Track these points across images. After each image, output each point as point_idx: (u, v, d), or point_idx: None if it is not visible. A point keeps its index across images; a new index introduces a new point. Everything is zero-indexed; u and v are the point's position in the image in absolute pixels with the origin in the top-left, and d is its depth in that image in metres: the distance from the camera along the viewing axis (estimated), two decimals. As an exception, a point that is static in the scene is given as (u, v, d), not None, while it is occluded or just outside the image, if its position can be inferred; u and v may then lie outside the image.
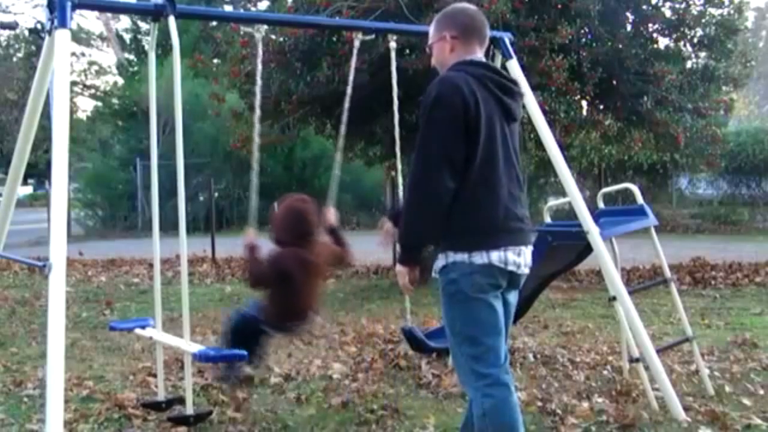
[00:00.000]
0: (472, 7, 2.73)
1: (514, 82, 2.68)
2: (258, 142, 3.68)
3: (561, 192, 4.36)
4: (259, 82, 3.67)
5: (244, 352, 3.14)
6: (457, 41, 2.62)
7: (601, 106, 8.38)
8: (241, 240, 3.43)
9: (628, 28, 8.38)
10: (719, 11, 8.48)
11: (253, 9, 9.97)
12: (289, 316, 3.50)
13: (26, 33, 24.44)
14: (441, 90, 2.45)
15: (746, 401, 3.97)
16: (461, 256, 2.50)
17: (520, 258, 2.58)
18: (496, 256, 2.49)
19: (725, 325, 6.15)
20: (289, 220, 3.51)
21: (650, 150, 10.08)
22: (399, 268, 2.58)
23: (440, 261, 2.56)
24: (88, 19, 30.79)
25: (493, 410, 2.49)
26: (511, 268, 2.54)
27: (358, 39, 3.85)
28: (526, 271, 2.65)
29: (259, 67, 3.69)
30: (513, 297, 2.71)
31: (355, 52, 3.87)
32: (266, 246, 3.47)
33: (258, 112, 3.68)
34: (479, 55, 2.64)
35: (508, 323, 2.69)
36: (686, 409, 3.74)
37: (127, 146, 20.52)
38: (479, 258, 2.48)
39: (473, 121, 2.43)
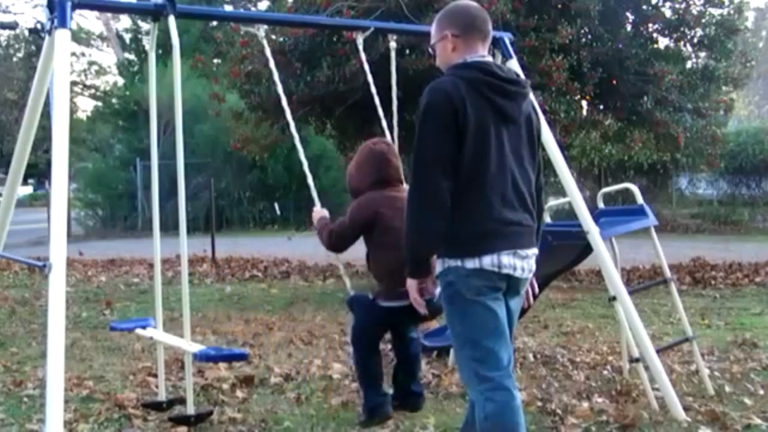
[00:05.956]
0: (473, 4, 2.70)
1: (515, 82, 2.57)
2: (295, 131, 3.62)
3: (561, 192, 4.35)
4: (274, 71, 3.62)
5: (245, 351, 3.07)
6: (459, 39, 2.59)
7: (601, 106, 8.39)
8: (313, 216, 3.21)
9: (628, 28, 8.39)
10: (719, 11, 8.49)
11: (253, 9, 9.96)
12: (399, 271, 2.82)
13: (26, 33, 24.39)
14: (430, 98, 2.47)
15: (746, 401, 3.97)
16: (455, 262, 2.50)
17: (516, 260, 2.52)
18: (488, 261, 2.47)
19: (725, 325, 6.14)
20: (369, 164, 3.12)
21: (650, 150, 10.09)
22: (409, 282, 2.57)
23: (438, 266, 2.57)
24: (88, 19, 30.77)
25: (495, 414, 2.49)
26: (506, 271, 2.50)
27: (360, 37, 3.87)
28: (527, 275, 2.60)
29: (271, 60, 3.66)
30: (515, 303, 2.67)
31: (361, 49, 3.90)
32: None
33: (286, 107, 3.62)
34: (481, 52, 2.61)
35: (512, 329, 2.67)
36: (686, 409, 3.73)
37: (127, 146, 20.54)
38: (471, 263, 2.47)
39: (462, 125, 2.42)
